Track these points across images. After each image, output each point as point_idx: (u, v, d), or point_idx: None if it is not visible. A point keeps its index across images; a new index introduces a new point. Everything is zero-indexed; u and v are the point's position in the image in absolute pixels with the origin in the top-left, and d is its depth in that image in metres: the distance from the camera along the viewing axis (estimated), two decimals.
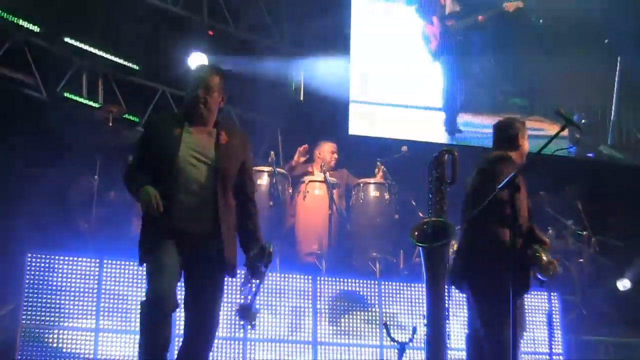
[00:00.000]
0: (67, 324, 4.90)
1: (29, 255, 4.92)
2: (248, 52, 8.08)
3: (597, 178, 7.95)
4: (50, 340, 4.83)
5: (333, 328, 5.46)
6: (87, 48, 7.20)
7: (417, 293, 5.63)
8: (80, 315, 4.94)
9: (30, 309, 4.83)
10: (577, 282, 6.86)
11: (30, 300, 4.85)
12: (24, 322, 4.81)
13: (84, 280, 5.00)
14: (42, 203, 6.12)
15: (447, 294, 4.52)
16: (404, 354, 4.85)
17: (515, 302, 3.63)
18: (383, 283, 5.72)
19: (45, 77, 6.96)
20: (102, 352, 4.91)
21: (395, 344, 4.89)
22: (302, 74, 8.14)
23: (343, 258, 6.48)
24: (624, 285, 7.27)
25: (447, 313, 4.52)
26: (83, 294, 4.98)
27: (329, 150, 6.92)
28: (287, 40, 8.50)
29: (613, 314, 6.89)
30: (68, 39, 7.06)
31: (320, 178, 6.52)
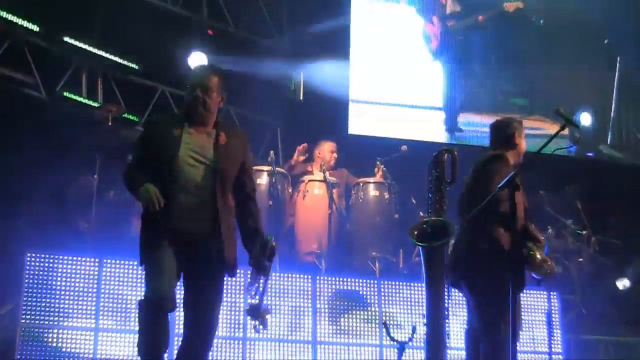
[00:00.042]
0: (66, 324, 4.89)
1: (29, 255, 4.90)
2: (248, 51, 8.07)
3: (596, 177, 7.96)
4: (50, 340, 4.82)
5: (333, 327, 5.46)
6: (86, 47, 7.20)
7: (416, 292, 5.63)
8: (80, 315, 4.93)
9: (30, 309, 4.82)
10: (576, 281, 6.86)
11: (30, 300, 4.84)
12: (24, 321, 4.79)
13: (84, 280, 4.98)
14: (41, 202, 6.12)
15: (446, 294, 4.51)
16: (404, 354, 4.85)
17: (514, 301, 3.63)
18: (383, 282, 5.72)
19: (45, 76, 6.95)
20: (101, 351, 4.91)
21: (395, 344, 4.88)
22: (301, 74, 8.13)
23: (343, 257, 6.48)
24: (624, 285, 7.27)
25: (446, 312, 4.51)
26: (82, 294, 4.96)
27: (329, 150, 6.92)
28: (286, 40, 8.50)
29: (613, 314, 6.89)
30: (67, 39, 7.06)
31: (320, 177, 6.52)
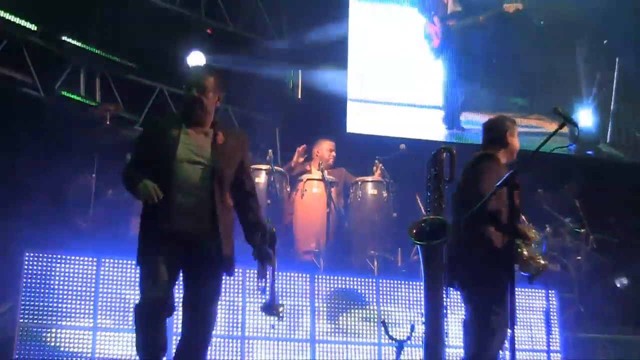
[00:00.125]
0: (65, 323, 4.88)
1: (27, 254, 4.90)
2: (246, 50, 8.06)
3: (595, 176, 7.96)
4: (48, 339, 4.82)
5: (331, 326, 5.46)
6: (84, 47, 7.18)
7: (415, 291, 5.64)
8: (78, 314, 4.92)
9: (28, 308, 4.81)
10: (574, 279, 6.87)
11: (28, 299, 4.83)
12: (22, 321, 4.79)
13: (82, 279, 4.98)
14: (39, 202, 6.11)
15: (445, 292, 4.52)
16: (402, 352, 4.86)
17: (513, 301, 3.62)
18: (381, 281, 5.72)
19: (43, 75, 6.94)
20: (100, 350, 4.90)
21: (394, 342, 4.89)
22: (300, 72, 8.12)
23: (341, 256, 6.48)
24: (622, 283, 7.28)
25: (445, 311, 4.52)
26: (81, 293, 4.96)
27: (327, 149, 6.92)
28: (285, 39, 8.49)
29: (611, 312, 6.89)
30: (65, 38, 7.05)
31: (318, 176, 6.52)
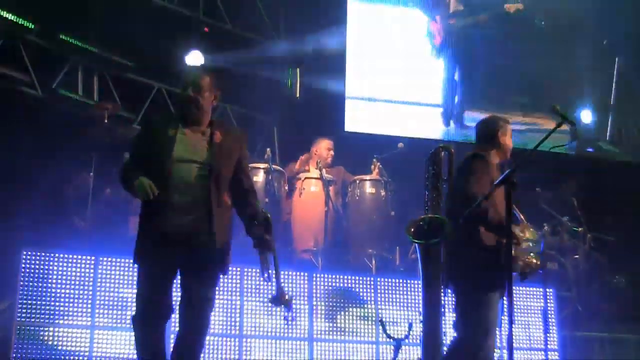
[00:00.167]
0: (62, 322, 4.88)
1: (24, 253, 4.89)
2: (244, 49, 8.05)
3: (592, 175, 7.97)
4: (46, 338, 4.81)
5: (329, 325, 5.46)
6: (82, 45, 7.17)
7: (413, 290, 5.64)
8: (76, 313, 4.92)
9: (25, 307, 4.81)
10: (572, 278, 6.88)
11: (25, 298, 4.83)
12: (19, 319, 4.79)
13: (80, 278, 4.98)
14: (37, 200, 6.10)
15: (442, 291, 4.52)
16: (400, 351, 4.86)
17: (511, 301, 3.62)
18: (379, 279, 5.72)
19: (41, 74, 6.93)
20: (97, 349, 4.90)
21: (391, 341, 4.90)
22: (298, 71, 8.12)
23: (339, 255, 6.49)
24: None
25: (442, 309, 4.52)
26: (78, 292, 4.96)
27: (326, 147, 6.91)
28: (283, 38, 8.49)
29: (608, 311, 6.90)
30: (63, 36, 7.04)
31: (317, 175, 6.52)
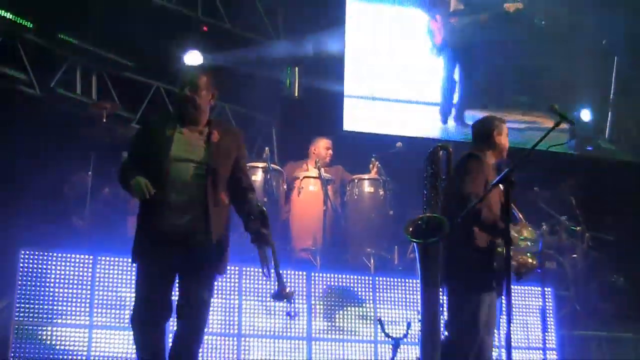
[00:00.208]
0: (60, 321, 4.88)
1: (22, 252, 4.89)
2: (243, 48, 8.05)
3: (591, 174, 7.98)
4: (44, 338, 4.81)
5: (327, 324, 5.46)
6: (80, 44, 7.16)
7: (411, 289, 5.64)
8: (74, 312, 4.92)
9: (24, 306, 4.80)
10: (570, 277, 6.88)
11: (24, 297, 4.82)
12: (17, 319, 4.78)
13: (78, 277, 4.97)
14: (35, 199, 6.09)
15: (441, 290, 4.52)
16: (399, 350, 4.86)
17: (509, 300, 3.62)
18: (377, 279, 5.72)
19: (39, 73, 6.92)
20: (95, 348, 4.90)
21: (390, 340, 4.89)
22: (297, 70, 8.12)
23: (337, 254, 6.49)
24: None
25: (441, 309, 4.52)
26: (77, 291, 4.95)
27: (324, 147, 6.91)
28: (282, 37, 8.48)
29: (606, 310, 6.91)
30: (62, 35, 7.03)
31: (315, 174, 6.52)
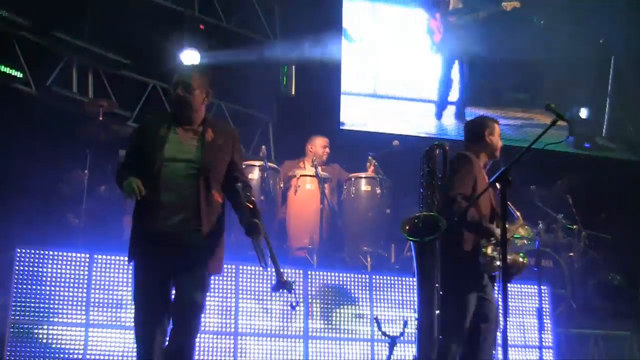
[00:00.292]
0: (57, 320, 4.86)
1: (18, 250, 4.87)
2: (240, 46, 8.04)
3: (588, 172, 7.99)
4: (40, 336, 4.80)
5: (324, 322, 5.46)
6: (77, 42, 7.15)
7: (408, 287, 5.64)
8: (70, 311, 4.91)
9: (20, 305, 4.79)
10: (567, 276, 6.89)
11: (20, 296, 4.81)
12: (13, 318, 4.77)
13: (74, 275, 4.96)
14: (31, 197, 6.09)
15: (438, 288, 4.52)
16: (395, 348, 4.86)
17: (505, 298, 3.62)
18: (374, 277, 5.72)
19: (35, 71, 6.91)
20: (92, 347, 4.89)
21: (386, 338, 4.89)
22: (293, 69, 8.11)
23: (334, 252, 6.49)
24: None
25: (438, 307, 4.52)
26: (73, 289, 4.94)
27: (321, 145, 6.91)
28: (278, 35, 8.47)
29: (603, 308, 6.93)
30: (58, 33, 7.02)
31: (312, 172, 6.51)
